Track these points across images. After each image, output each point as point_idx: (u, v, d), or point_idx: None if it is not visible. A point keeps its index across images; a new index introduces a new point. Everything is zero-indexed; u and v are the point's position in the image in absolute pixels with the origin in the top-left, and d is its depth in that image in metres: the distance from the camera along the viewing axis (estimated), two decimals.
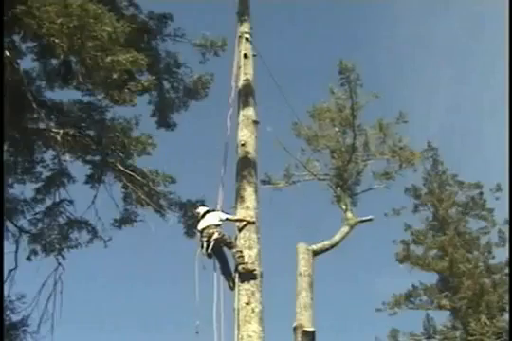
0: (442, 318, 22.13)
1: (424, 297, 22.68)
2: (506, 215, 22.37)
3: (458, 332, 21.10)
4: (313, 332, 8.77)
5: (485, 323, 19.32)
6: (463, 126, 39.23)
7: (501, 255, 22.51)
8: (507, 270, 21.34)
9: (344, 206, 13.83)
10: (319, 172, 15.31)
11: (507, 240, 22.55)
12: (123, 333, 28.40)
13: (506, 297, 20.07)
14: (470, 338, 19.29)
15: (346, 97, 14.80)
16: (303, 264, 10.06)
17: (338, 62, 14.18)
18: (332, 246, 11.60)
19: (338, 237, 12.13)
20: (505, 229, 22.87)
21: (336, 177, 14.84)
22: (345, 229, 12.63)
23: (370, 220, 13.35)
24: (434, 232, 23.96)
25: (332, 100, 15.80)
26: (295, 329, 8.84)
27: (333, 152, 15.31)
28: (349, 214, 13.43)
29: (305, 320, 8.96)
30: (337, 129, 15.46)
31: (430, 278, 22.93)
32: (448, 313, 21.84)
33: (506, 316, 19.84)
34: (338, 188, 14.49)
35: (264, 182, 15.06)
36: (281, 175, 15.57)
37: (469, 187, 24.62)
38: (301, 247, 10.43)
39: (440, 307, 21.94)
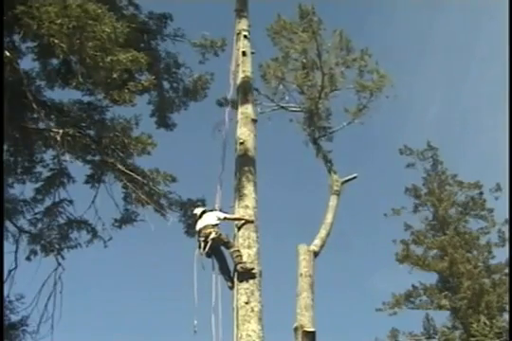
0: (442, 318, 22.21)
1: (424, 297, 22.72)
2: (506, 215, 22.43)
3: (458, 333, 21.11)
4: (313, 333, 8.77)
5: (485, 323, 19.30)
6: (461, 122, 39.25)
7: (501, 255, 22.59)
8: (507, 270, 21.35)
9: (323, 157, 13.70)
10: (288, 106, 14.93)
11: (507, 240, 22.58)
12: (123, 333, 28.41)
13: (506, 297, 20.06)
14: (472, 339, 19.27)
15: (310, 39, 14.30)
16: (304, 265, 10.04)
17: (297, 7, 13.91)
18: (328, 234, 11.39)
19: (329, 217, 11.86)
20: (505, 229, 22.91)
21: (307, 118, 14.51)
22: (333, 202, 12.38)
23: (354, 178, 13.28)
24: (434, 232, 23.98)
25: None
26: (296, 329, 8.84)
27: (301, 88, 14.83)
28: (331, 171, 13.28)
29: (306, 321, 8.96)
30: (304, 60, 14.89)
31: (430, 278, 23.00)
32: (448, 313, 21.86)
33: (506, 316, 19.83)
34: (312, 128, 14.28)
35: (221, 104, 14.27)
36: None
37: (469, 186, 24.64)
38: (302, 248, 10.41)
39: (440, 307, 21.94)
